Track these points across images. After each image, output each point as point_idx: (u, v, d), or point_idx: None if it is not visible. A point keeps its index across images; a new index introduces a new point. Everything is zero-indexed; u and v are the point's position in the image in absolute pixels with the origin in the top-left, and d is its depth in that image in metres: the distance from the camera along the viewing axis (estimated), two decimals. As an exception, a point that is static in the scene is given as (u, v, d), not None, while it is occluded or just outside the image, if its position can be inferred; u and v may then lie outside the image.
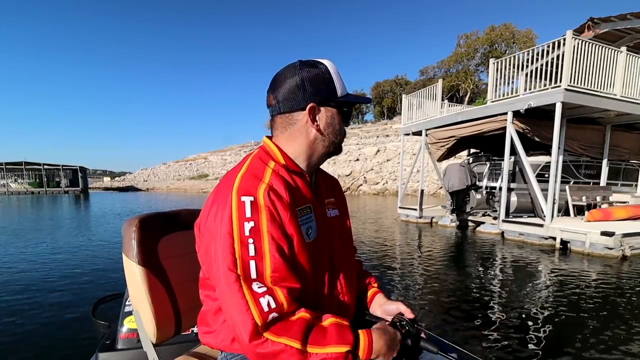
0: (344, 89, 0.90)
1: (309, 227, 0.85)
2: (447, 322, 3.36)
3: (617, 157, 9.16)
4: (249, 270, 0.71)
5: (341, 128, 0.92)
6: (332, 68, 0.88)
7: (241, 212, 0.73)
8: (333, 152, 0.94)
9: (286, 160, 0.87)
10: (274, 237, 0.74)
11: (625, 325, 3.20)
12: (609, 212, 7.34)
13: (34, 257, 6.11)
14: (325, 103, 0.87)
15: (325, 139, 0.89)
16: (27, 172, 41.39)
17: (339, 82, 0.88)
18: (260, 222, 0.73)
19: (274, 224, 0.74)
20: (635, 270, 5.16)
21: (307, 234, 0.83)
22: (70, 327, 3.15)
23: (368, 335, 0.77)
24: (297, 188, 0.85)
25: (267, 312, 0.69)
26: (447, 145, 9.69)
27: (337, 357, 0.70)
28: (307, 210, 0.86)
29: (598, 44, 7.14)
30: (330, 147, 0.91)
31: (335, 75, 0.88)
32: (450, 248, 7.16)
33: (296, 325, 0.71)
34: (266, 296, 0.70)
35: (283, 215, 0.76)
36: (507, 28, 43.70)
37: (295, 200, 0.82)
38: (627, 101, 7.48)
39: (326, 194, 1.00)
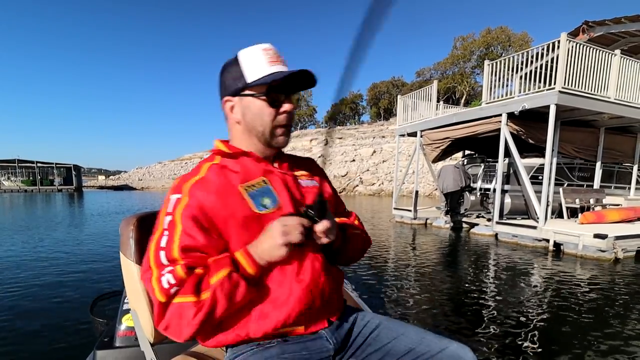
0: (263, 72, 0.85)
1: (264, 197, 0.88)
2: (440, 322, 3.33)
3: (610, 160, 9.19)
4: (159, 258, 0.78)
5: (267, 113, 0.89)
6: (247, 55, 0.87)
7: (166, 207, 0.82)
8: (270, 141, 0.92)
9: (230, 147, 0.94)
10: (186, 226, 0.79)
11: (617, 327, 3.18)
12: (602, 215, 7.36)
13: (30, 255, 6.09)
14: (237, 93, 0.89)
15: (250, 129, 0.91)
16: (20, 170, 40.99)
17: (251, 68, 0.86)
18: (175, 213, 0.81)
19: (188, 216, 0.80)
20: (627, 273, 5.16)
21: (264, 205, 0.86)
22: (69, 324, 3.14)
23: (244, 250, 0.81)
24: (241, 167, 0.90)
25: (167, 289, 0.74)
26: (441, 146, 9.67)
27: (221, 283, 0.75)
28: (261, 183, 0.90)
29: (592, 47, 7.16)
30: (260, 136, 0.91)
31: (247, 62, 0.87)
32: (443, 249, 7.14)
33: (188, 283, 0.75)
34: (167, 275, 0.75)
35: (210, 206, 0.82)
36: (503, 31, 43.98)
37: (242, 179, 0.88)
38: (621, 104, 7.51)
39: (294, 166, 1.02)
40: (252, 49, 0.88)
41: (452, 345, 0.90)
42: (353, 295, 1.98)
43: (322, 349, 0.90)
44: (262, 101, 0.87)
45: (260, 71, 0.85)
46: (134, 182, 48.45)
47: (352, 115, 69.14)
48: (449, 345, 0.90)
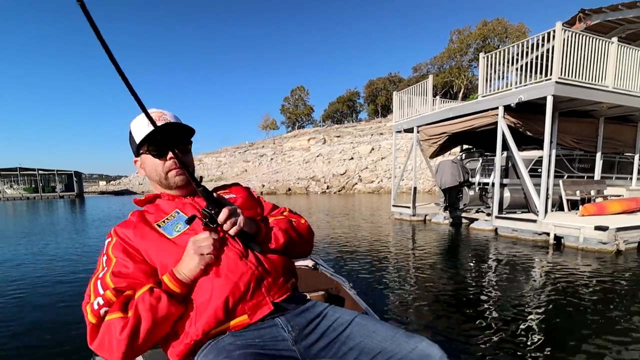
0: (143, 134, 1.03)
1: (177, 224, 1.03)
2: (440, 318, 3.26)
3: (611, 150, 9.05)
4: (97, 288, 0.90)
5: (157, 164, 1.07)
6: (135, 123, 1.08)
7: (102, 251, 0.99)
8: (168, 184, 1.09)
9: (147, 196, 1.14)
10: (117, 257, 0.95)
11: (619, 320, 3.09)
12: (603, 206, 7.24)
13: (32, 261, 6.15)
14: (137, 154, 1.11)
15: (151, 177, 1.11)
16: (22, 177, 41.37)
17: (137, 132, 1.06)
18: (109, 252, 0.97)
19: (118, 249, 0.97)
20: (629, 265, 5.05)
21: (175, 230, 1.01)
22: (69, 326, 3.18)
23: (169, 272, 0.92)
24: (156, 208, 1.09)
25: (97, 310, 0.86)
26: (438, 141, 9.55)
27: (142, 297, 0.86)
28: (174, 214, 1.06)
29: (588, 36, 7.02)
30: (160, 182, 1.10)
31: (135, 128, 1.07)
32: (443, 245, 7.04)
33: (116, 302, 0.86)
34: (97, 299, 0.87)
35: (131, 238, 0.98)
36: (500, 23, 43.78)
37: (156, 218, 1.05)
38: (620, 93, 7.37)
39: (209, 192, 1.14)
40: (138, 118, 1.07)
41: (421, 343, 0.91)
42: (351, 294, 1.98)
43: (277, 337, 0.94)
44: (150, 155, 1.07)
45: (142, 133, 1.04)
46: (135, 187, 48.52)
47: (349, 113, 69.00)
48: (419, 344, 0.91)
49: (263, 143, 55.82)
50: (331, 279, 2.19)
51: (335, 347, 0.96)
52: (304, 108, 71.42)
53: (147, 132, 1.02)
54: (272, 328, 0.95)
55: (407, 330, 0.98)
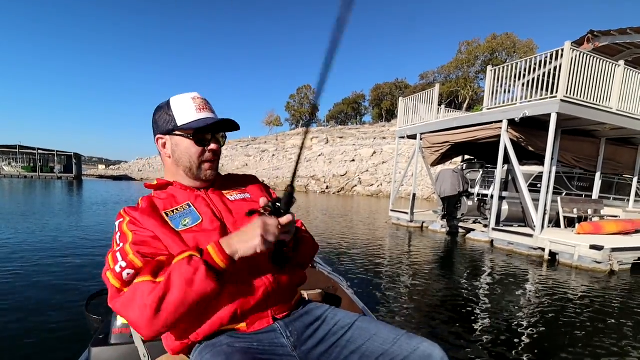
0: (191, 118, 1.01)
1: (186, 218, 0.98)
2: (431, 323, 3.30)
3: (610, 171, 9.15)
4: (116, 258, 0.86)
5: (193, 152, 1.03)
6: (178, 102, 1.03)
7: (114, 232, 0.94)
8: (197, 174, 1.06)
9: (159, 182, 1.08)
10: (133, 231, 0.91)
11: (608, 340, 3.14)
12: (600, 226, 7.31)
13: (25, 249, 5.86)
14: (169, 133, 1.03)
15: (178, 162, 1.05)
16: (21, 155, 41.04)
17: (181, 113, 1.02)
18: (122, 228, 0.92)
19: (132, 222, 0.93)
20: (622, 286, 5.11)
21: (184, 224, 0.97)
22: (63, 321, 3.08)
23: (214, 242, 0.85)
24: (167, 197, 1.04)
25: (119, 272, 0.82)
26: (441, 150, 9.63)
27: (179, 264, 0.80)
28: (185, 206, 1.02)
29: (596, 57, 7.10)
30: (187, 171, 1.05)
31: (178, 108, 1.02)
32: (438, 254, 7.10)
33: (147, 266, 0.82)
34: (120, 263, 0.84)
35: (140, 220, 0.93)
36: (509, 37, 43.90)
37: (165, 207, 1.01)
38: (623, 115, 7.46)
39: (225, 186, 1.14)
40: (183, 97, 1.03)
41: (423, 344, 0.92)
42: (349, 293, 2.01)
43: (275, 342, 0.94)
44: (189, 141, 1.02)
45: (189, 117, 1.01)
46: (134, 173, 48.37)
47: (354, 115, 69.02)
48: (420, 345, 0.92)
49: (266, 139, 55.81)
50: (329, 278, 2.21)
51: (336, 352, 0.96)
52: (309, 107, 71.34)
53: (197, 118, 1.00)
54: (270, 333, 0.95)
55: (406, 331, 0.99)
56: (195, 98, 1.03)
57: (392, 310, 3.69)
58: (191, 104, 1.02)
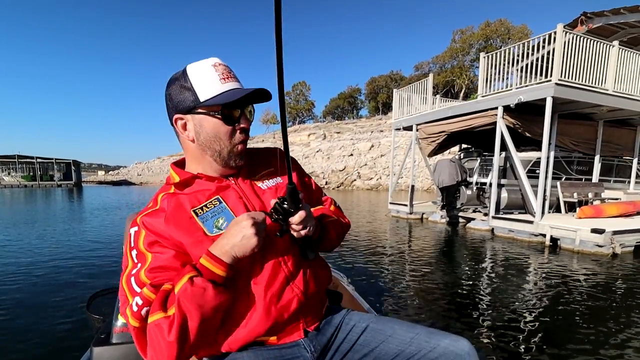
0: (216, 90, 0.83)
1: (218, 217, 0.86)
2: (434, 317, 3.26)
3: (610, 153, 9.06)
4: (132, 287, 0.78)
5: (223, 132, 0.87)
6: (197, 71, 0.84)
7: (129, 244, 0.83)
8: (228, 161, 0.90)
9: (179, 174, 0.92)
10: (152, 252, 0.80)
11: (613, 323, 3.09)
12: (601, 209, 7.25)
13: (28, 251, 6.04)
14: (190, 111, 0.85)
15: (205, 147, 0.88)
16: (20, 165, 41.17)
17: (203, 85, 0.83)
18: (139, 246, 0.81)
19: (149, 242, 0.81)
20: (625, 269, 5.06)
21: (217, 227, 0.85)
22: (65, 321, 3.13)
23: (206, 253, 0.78)
24: (193, 191, 0.89)
25: (137, 312, 0.74)
26: (437, 140, 9.55)
27: (184, 290, 0.72)
28: (215, 202, 0.88)
29: (590, 38, 7.00)
30: (216, 156, 0.89)
31: (198, 79, 0.84)
32: (439, 244, 7.05)
33: (156, 300, 0.74)
34: (135, 299, 0.75)
35: (162, 229, 0.81)
36: (503, 24, 43.69)
37: (192, 204, 0.86)
38: (620, 96, 7.37)
39: (254, 170, 0.99)
40: (201, 64, 0.85)
41: (444, 340, 0.87)
42: (349, 289, 1.98)
43: (298, 357, 0.88)
44: (217, 119, 0.85)
45: (213, 89, 0.83)
46: (133, 177, 48.39)
47: (350, 110, 68.86)
48: (441, 342, 0.86)
49: (263, 137, 55.71)
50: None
51: (354, 358, 0.93)
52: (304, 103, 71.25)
53: (223, 90, 0.83)
54: (294, 348, 0.90)
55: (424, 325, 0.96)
56: (217, 65, 0.85)
57: (394, 305, 3.64)
58: (213, 73, 0.84)
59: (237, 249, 0.76)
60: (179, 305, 0.71)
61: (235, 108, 0.86)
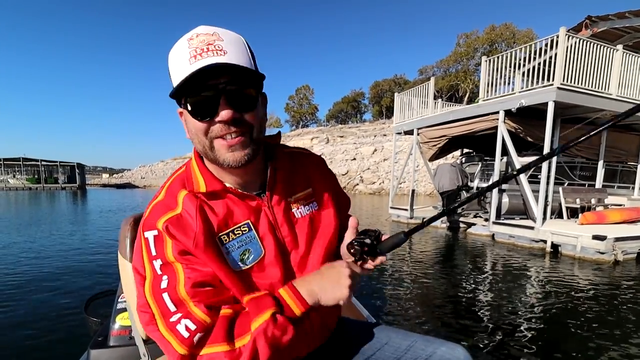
0: (183, 74, 0.62)
1: (247, 250, 0.71)
2: (433, 323, 3.22)
3: (613, 159, 8.94)
4: (164, 304, 0.64)
5: (198, 128, 0.66)
6: (174, 51, 0.65)
7: (148, 251, 0.67)
8: (221, 164, 0.69)
9: (206, 179, 0.72)
10: (188, 263, 0.66)
11: (613, 332, 3.01)
12: (603, 215, 7.13)
13: (27, 253, 6.06)
14: (179, 102, 0.69)
15: (199, 151, 0.72)
16: (25, 168, 41.67)
17: (175, 69, 0.64)
18: (166, 256, 0.66)
19: (179, 247, 0.66)
20: (627, 276, 4.95)
21: (242, 261, 0.71)
22: (63, 323, 3.12)
23: (290, 287, 0.69)
24: (223, 210, 0.71)
25: (188, 338, 0.61)
26: (438, 144, 9.48)
27: (265, 327, 0.62)
28: (245, 228, 0.72)
29: (593, 42, 6.93)
30: (207, 156, 0.71)
31: (173, 61, 0.65)
32: (439, 250, 6.96)
33: (217, 328, 0.62)
34: (183, 321, 0.62)
35: (190, 245, 0.66)
36: (508, 28, 43.58)
37: (219, 226, 0.70)
38: (624, 101, 7.26)
39: (291, 189, 0.81)
40: (180, 40, 0.65)
41: (441, 348, 0.84)
42: None
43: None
44: (187, 113, 0.67)
45: (181, 73, 0.62)
46: (137, 180, 48.68)
47: (354, 114, 68.90)
48: (438, 350, 0.84)
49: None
50: None
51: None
52: (308, 107, 71.37)
53: (190, 72, 0.61)
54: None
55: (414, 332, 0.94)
56: (194, 37, 0.64)
57: (393, 311, 3.59)
58: (185, 50, 0.63)
59: (324, 295, 0.68)
60: (253, 342, 0.61)
61: (205, 94, 0.64)
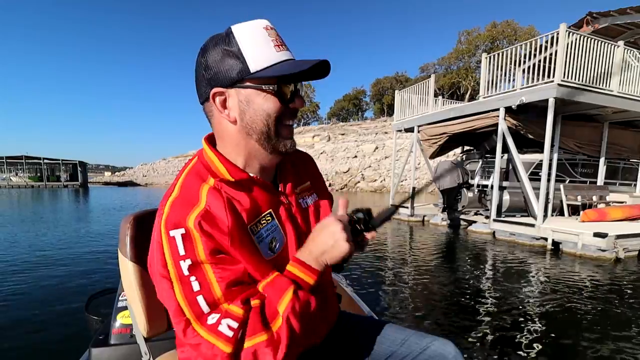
0: (271, 59, 0.67)
1: (273, 238, 0.74)
2: (433, 321, 3.19)
3: (615, 156, 8.90)
4: (198, 307, 0.63)
5: (274, 110, 0.70)
6: (246, 34, 0.67)
7: (174, 251, 0.64)
8: (276, 145, 0.73)
9: (230, 170, 0.72)
10: (218, 263, 0.65)
11: (614, 331, 2.99)
12: (605, 213, 7.10)
13: (28, 251, 6.08)
14: (234, 84, 0.68)
15: (249, 129, 0.71)
16: (27, 166, 41.78)
17: (254, 53, 0.67)
18: (197, 255, 0.63)
19: (214, 252, 0.64)
20: (628, 274, 4.93)
21: (271, 249, 0.73)
22: (64, 322, 3.13)
23: (295, 261, 0.70)
24: (248, 200, 0.72)
25: (232, 337, 0.61)
26: (439, 142, 9.45)
27: (292, 305, 0.64)
28: (268, 217, 0.75)
29: (594, 38, 6.88)
30: (262, 139, 0.72)
31: (248, 44, 0.67)
32: (439, 247, 6.95)
33: (252, 320, 0.63)
34: (223, 321, 0.62)
35: (224, 244, 0.65)
36: (509, 25, 43.32)
37: (248, 217, 0.71)
38: (625, 97, 7.22)
39: (297, 181, 0.86)
40: (251, 26, 0.68)
41: (434, 343, 0.87)
42: (348, 291, 1.99)
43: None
44: (270, 95, 0.69)
45: (267, 58, 0.67)
46: (139, 178, 48.74)
47: (355, 111, 68.77)
48: (431, 344, 0.87)
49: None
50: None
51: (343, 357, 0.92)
52: (309, 105, 71.27)
53: (279, 59, 0.68)
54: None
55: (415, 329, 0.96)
56: (269, 28, 0.70)
57: (394, 308, 3.59)
58: (267, 37, 0.68)
59: (328, 256, 0.68)
60: (288, 321, 0.63)
61: (291, 83, 0.71)
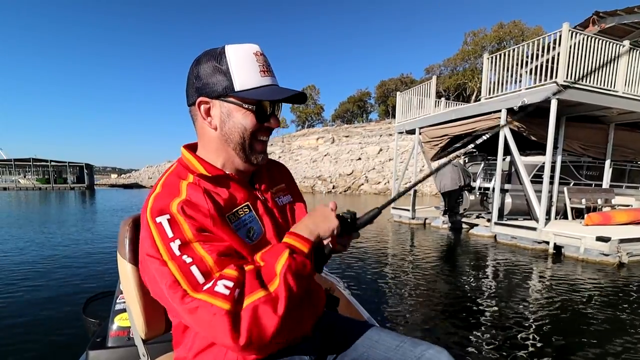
0: (254, 82, 0.77)
1: (250, 227, 0.81)
2: (433, 323, 3.17)
3: (621, 158, 8.70)
4: (193, 277, 0.66)
5: (250, 126, 0.80)
6: (236, 56, 0.77)
7: (163, 235, 0.69)
8: (247, 158, 0.83)
9: (206, 167, 0.81)
10: (205, 241, 0.69)
11: (621, 335, 2.90)
12: (609, 216, 6.93)
13: (26, 253, 6.08)
14: (219, 97, 0.78)
15: (227, 138, 0.81)
16: (35, 168, 42.33)
17: (241, 74, 0.77)
18: (185, 235, 0.69)
19: (200, 230, 0.70)
20: (631, 279, 4.79)
21: (249, 237, 0.80)
22: (61, 324, 3.12)
23: (290, 233, 0.76)
24: (227, 193, 0.81)
25: (229, 294, 0.64)
26: (440, 144, 9.33)
27: (289, 264, 0.69)
28: (246, 209, 0.82)
29: (598, 38, 6.73)
30: (237, 148, 0.81)
31: (237, 66, 0.76)
32: (440, 251, 6.83)
33: (249, 280, 0.67)
34: (219, 282, 0.65)
35: (207, 225, 0.71)
36: (516, 25, 42.93)
37: (225, 207, 0.78)
38: (631, 98, 7.05)
39: (272, 182, 0.96)
40: (242, 50, 0.78)
41: (428, 351, 0.87)
42: (345, 294, 1.97)
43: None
44: (249, 113, 0.79)
45: (252, 81, 0.77)
46: (144, 181, 49.15)
47: (360, 113, 68.61)
48: (425, 352, 0.87)
49: (272, 141, 55.91)
50: (325, 278, 2.17)
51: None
52: (314, 107, 71.27)
53: (261, 84, 0.77)
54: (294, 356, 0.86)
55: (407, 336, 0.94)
56: (258, 54, 0.79)
57: (393, 312, 3.52)
58: (254, 62, 0.78)
59: (320, 229, 0.76)
60: (285, 279, 0.67)
61: (269, 105, 0.81)
